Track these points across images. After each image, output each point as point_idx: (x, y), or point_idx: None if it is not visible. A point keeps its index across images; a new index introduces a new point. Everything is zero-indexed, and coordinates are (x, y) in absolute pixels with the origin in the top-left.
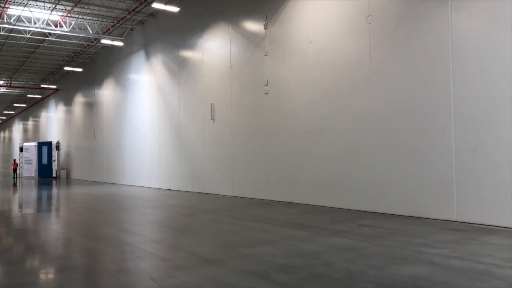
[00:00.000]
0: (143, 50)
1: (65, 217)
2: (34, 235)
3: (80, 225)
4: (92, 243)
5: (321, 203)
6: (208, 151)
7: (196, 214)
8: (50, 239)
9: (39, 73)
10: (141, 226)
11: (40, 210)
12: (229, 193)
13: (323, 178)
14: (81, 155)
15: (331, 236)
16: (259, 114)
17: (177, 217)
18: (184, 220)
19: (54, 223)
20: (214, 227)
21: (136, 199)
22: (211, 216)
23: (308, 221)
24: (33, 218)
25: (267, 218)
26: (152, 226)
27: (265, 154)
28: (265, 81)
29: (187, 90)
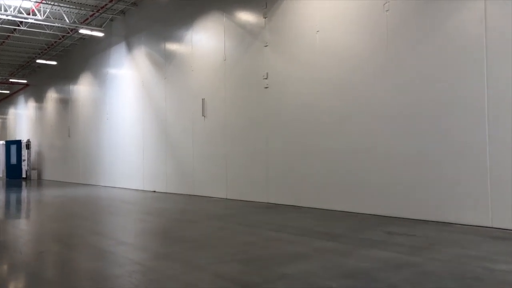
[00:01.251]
0: (124, 42)
1: (43, 225)
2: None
3: (64, 236)
4: (88, 261)
5: (330, 207)
6: (198, 150)
7: (198, 221)
8: (23, 258)
9: (7, 67)
10: (140, 236)
11: (9, 217)
12: (223, 195)
13: (333, 179)
14: (54, 154)
15: (369, 248)
16: (257, 109)
17: (177, 224)
18: (187, 228)
19: (27, 234)
20: (228, 237)
21: (121, 202)
22: (217, 223)
23: (331, 228)
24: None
25: (282, 225)
26: (154, 237)
27: (264, 153)
28: (264, 74)
29: (174, 85)
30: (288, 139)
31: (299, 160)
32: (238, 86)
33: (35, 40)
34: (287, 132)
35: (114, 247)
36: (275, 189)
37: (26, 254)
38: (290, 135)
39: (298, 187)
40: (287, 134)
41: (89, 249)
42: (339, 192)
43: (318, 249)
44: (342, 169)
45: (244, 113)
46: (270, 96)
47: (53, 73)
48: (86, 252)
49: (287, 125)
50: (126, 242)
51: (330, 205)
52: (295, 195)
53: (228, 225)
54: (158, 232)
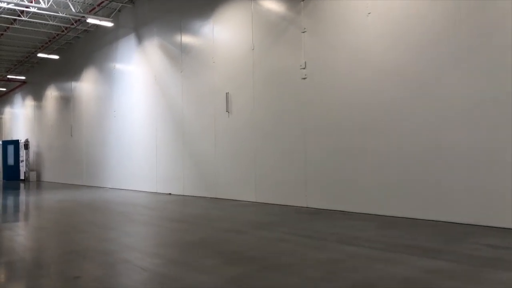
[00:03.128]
0: (134, 34)
1: (59, 237)
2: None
3: (93, 252)
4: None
5: (387, 213)
6: (222, 149)
7: (245, 230)
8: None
9: (4, 63)
10: (188, 252)
11: (12, 227)
12: (251, 198)
13: (391, 181)
14: (54, 154)
15: (492, 269)
16: (293, 103)
17: (222, 235)
18: (238, 240)
19: (44, 250)
20: (298, 254)
21: (139, 207)
22: (270, 234)
23: (417, 240)
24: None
25: (351, 236)
26: (205, 252)
27: (303, 152)
28: (302, 64)
29: (192, 78)
30: (332, 136)
31: (346, 160)
32: (269, 78)
33: (36, 32)
34: (331, 128)
35: (165, 267)
36: (316, 192)
37: (59, 280)
38: (335, 132)
39: (345, 190)
40: (330, 130)
41: (136, 272)
42: (399, 196)
43: (430, 271)
44: (402, 170)
45: (276, 108)
46: (308, 88)
47: (53, 69)
48: (134, 276)
49: (331, 121)
50: (176, 260)
51: (386, 210)
52: (341, 199)
53: (284, 236)
54: (206, 245)
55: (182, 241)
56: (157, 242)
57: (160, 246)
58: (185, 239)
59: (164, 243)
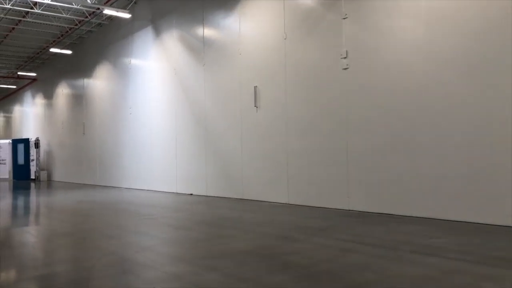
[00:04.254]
0: (151, 26)
1: (92, 245)
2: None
3: (133, 264)
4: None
5: (447, 217)
6: (249, 146)
7: (297, 237)
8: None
9: (14, 60)
10: (243, 264)
11: (32, 233)
12: (283, 200)
13: (448, 181)
14: (65, 153)
15: None
16: (333, 96)
17: (273, 242)
18: (297, 250)
19: (65, 262)
20: (378, 267)
21: (162, 208)
22: (328, 242)
23: (503, 251)
24: (15, 255)
25: (424, 245)
26: (268, 265)
27: (344, 149)
28: (343, 53)
29: (216, 72)
30: (378, 131)
31: (395, 157)
32: (304, 69)
33: (48, 26)
34: (377, 123)
35: (230, 285)
36: (359, 193)
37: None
38: (381, 127)
39: (393, 192)
40: (376, 125)
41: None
42: (460, 199)
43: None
44: (464, 169)
45: (313, 101)
46: (350, 79)
47: (65, 65)
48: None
49: (377, 114)
50: (237, 276)
51: (441, 214)
52: (389, 201)
53: (346, 244)
54: (263, 256)
55: (232, 250)
56: (204, 252)
57: (209, 257)
58: (234, 248)
59: (213, 253)
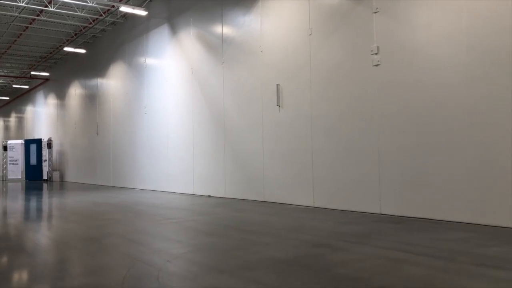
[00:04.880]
0: (167, 25)
1: (108, 249)
2: None
3: (168, 275)
4: None
5: (485, 221)
6: (270, 147)
7: (338, 245)
8: None
9: (27, 59)
10: (287, 276)
11: (52, 237)
12: (308, 203)
13: (493, 183)
14: (78, 154)
15: None
16: (363, 94)
17: (314, 251)
18: (342, 260)
19: (94, 274)
20: (447, 282)
21: (183, 211)
22: (374, 251)
23: None
24: (36, 265)
25: (486, 256)
26: (309, 277)
27: (375, 150)
28: (374, 48)
29: (236, 70)
30: (414, 131)
31: (431, 158)
32: (330, 66)
33: (61, 25)
34: (412, 122)
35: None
36: (392, 196)
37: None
38: (417, 126)
39: (430, 195)
40: (411, 124)
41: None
42: (506, 202)
43: None
44: (508, 170)
45: (340, 99)
46: (382, 76)
47: (78, 65)
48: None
49: (412, 113)
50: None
51: (486, 219)
52: (425, 205)
53: (396, 254)
54: (307, 267)
55: (271, 260)
56: (241, 261)
57: (248, 267)
58: (272, 257)
59: (251, 262)
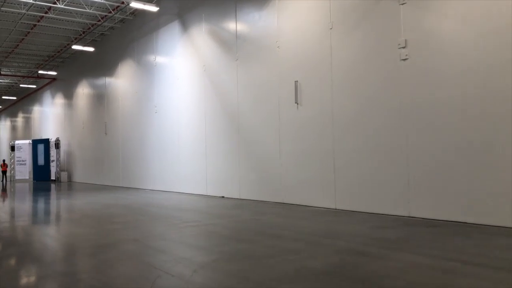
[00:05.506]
0: (178, 21)
1: (127, 258)
2: None
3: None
4: None
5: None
6: (288, 146)
7: (377, 253)
8: None
9: (35, 58)
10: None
11: (66, 242)
12: (330, 205)
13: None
14: (86, 154)
15: None
16: (389, 90)
17: (352, 260)
18: (387, 270)
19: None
20: None
21: (200, 213)
22: (418, 259)
23: None
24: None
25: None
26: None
27: (403, 149)
28: (401, 42)
29: (250, 67)
30: (444, 130)
31: (465, 158)
32: (353, 61)
33: (69, 23)
34: (444, 119)
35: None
36: (423, 198)
37: None
38: (449, 124)
39: (465, 196)
40: (443, 122)
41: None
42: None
43: None
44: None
45: (364, 96)
46: (410, 71)
47: (85, 64)
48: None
49: (444, 110)
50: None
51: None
52: (458, 207)
53: (444, 264)
54: (352, 279)
55: (310, 270)
56: (276, 271)
57: (286, 279)
58: (309, 267)
59: (288, 274)
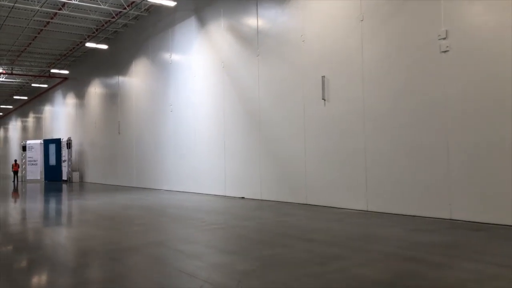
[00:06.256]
0: (194, 17)
1: (160, 264)
2: None
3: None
4: None
5: None
6: (314, 144)
7: (435, 261)
8: None
9: (47, 57)
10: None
11: (91, 247)
12: (361, 206)
13: None
14: (99, 153)
15: None
16: (427, 85)
17: (414, 268)
18: (463, 283)
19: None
20: None
21: (223, 215)
22: (488, 268)
23: None
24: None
25: None
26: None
27: (444, 148)
28: (441, 33)
29: (273, 62)
30: (491, 128)
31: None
32: (387, 54)
33: (83, 20)
34: (488, 117)
35: None
36: (466, 200)
37: None
38: (492, 123)
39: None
40: (487, 120)
41: None
42: None
43: None
44: None
45: (400, 91)
46: (452, 64)
47: (98, 62)
48: None
49: (487, 107)
50: None
51: None
52: (506, 209)
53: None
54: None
55: (363, 281)
56: (326, 282)
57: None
58: (361, 276)
59: (343, 285)
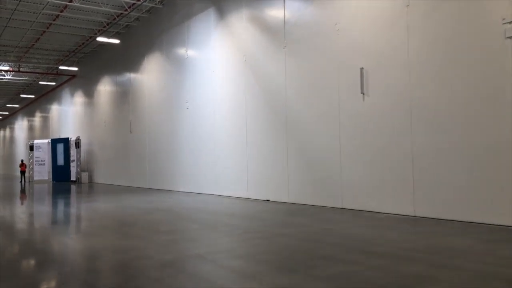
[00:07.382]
0: (213, 9)
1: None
2: None
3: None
4: None
5: None
6: (350, 143)
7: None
8: None
9: (55, 53)
10: None
11: (125, 257)
12: (407, 211)
13: None
14: (109, 153)
15: None
16: (489, 75)
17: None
18: None
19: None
20: None
21: (253, 221)
22: None
23: None
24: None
25: None
26: None
27: (508, 148)
28: (507, 16)
29: (302, 54)
30: None
31: None
32: (437, 43)
33: (94, 13)
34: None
35: None
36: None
37: None
38: None
39: None
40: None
41: None
42: None
43: None
44: None
45: (455, 83)
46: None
47: (108, 59)
48: None
49: None
50: None
51: None
52: None
53: None
54: None
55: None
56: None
57: None
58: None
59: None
